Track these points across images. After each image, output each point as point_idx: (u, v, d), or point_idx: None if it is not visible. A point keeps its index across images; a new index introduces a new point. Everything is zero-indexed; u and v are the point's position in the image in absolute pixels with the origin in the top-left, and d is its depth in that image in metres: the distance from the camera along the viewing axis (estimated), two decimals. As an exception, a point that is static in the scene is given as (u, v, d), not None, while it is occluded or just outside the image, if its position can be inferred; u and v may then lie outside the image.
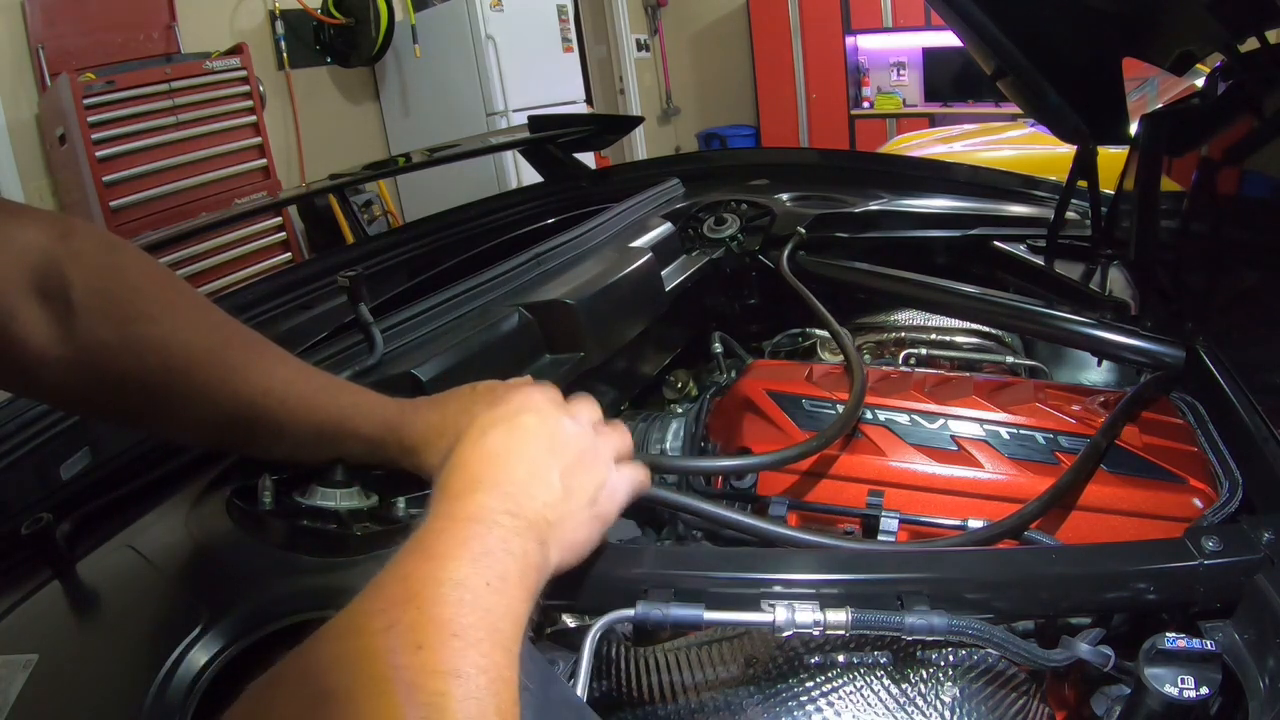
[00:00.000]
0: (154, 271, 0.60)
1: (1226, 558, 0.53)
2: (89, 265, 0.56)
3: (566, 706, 0.47)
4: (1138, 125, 1.13)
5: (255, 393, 0.61)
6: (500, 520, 0.45)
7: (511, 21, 4.22)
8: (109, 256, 0.58)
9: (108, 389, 0.58)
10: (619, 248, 1.19)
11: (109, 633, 0.58)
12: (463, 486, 0.47)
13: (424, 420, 0.66)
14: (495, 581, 0.41)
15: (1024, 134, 3.64)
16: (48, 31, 3.22)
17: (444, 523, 0.44)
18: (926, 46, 6.07)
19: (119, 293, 0.57)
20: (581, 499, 0.52)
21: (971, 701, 0.55)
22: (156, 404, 0.60)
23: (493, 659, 0.37)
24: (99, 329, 0.56)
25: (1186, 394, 0.84)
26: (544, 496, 0.49)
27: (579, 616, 0.63)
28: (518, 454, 0.50)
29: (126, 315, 0.57)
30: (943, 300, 1.09)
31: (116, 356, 0.57)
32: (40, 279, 0.55)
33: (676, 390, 1.28)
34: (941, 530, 0.75)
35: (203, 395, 0.60)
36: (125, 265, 0.59)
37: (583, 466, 0.53)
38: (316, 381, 0.65)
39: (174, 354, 0.58)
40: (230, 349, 0.62)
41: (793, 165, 1.75)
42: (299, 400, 0.63)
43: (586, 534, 0.52)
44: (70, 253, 0.56)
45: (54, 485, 0.80)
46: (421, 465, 0.65)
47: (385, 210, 4.27)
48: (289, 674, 0.37)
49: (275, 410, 0.62)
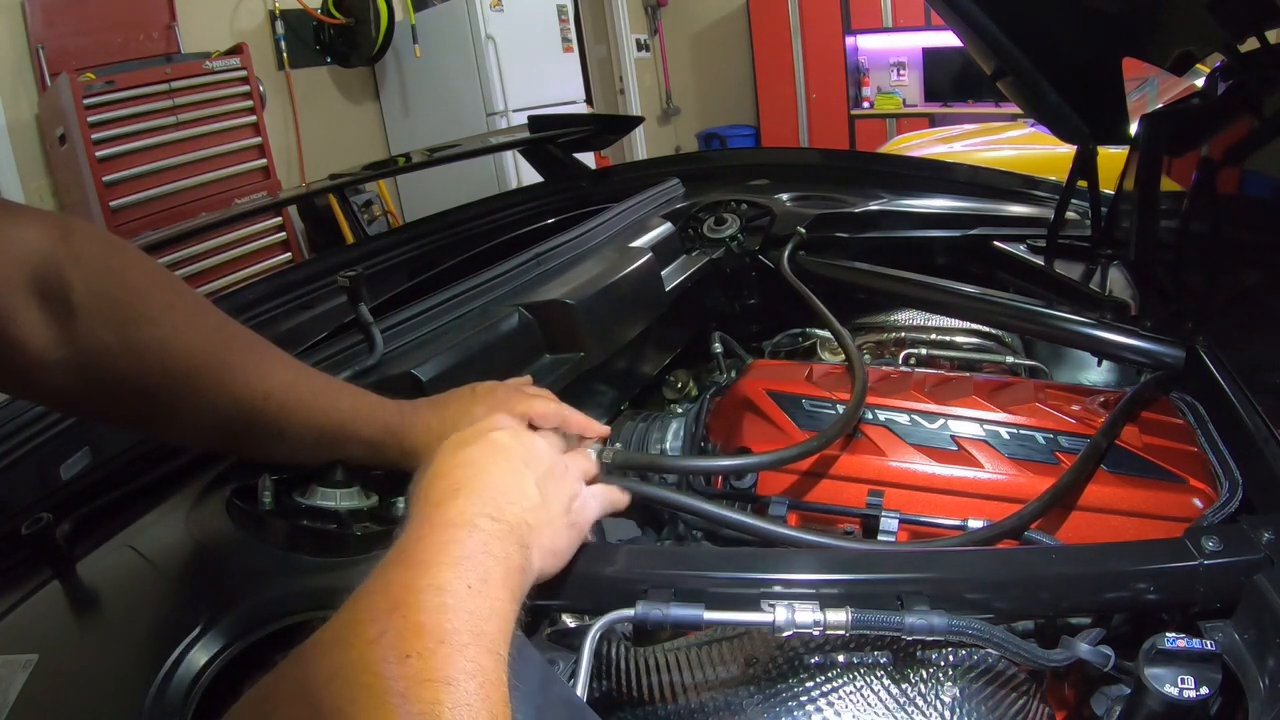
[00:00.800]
0: (154, 273, 0.60)
1: (1226, 558, 0.52)
2: (89, 267, 0.56)
3: (566, 706, 0.47)
4: (1138, 125, 1.13)
5: (255, 396, 0.62)
6: (480, 524, 0.45)
7: (511, 21, 4.22)
8: (109, 258, 0.58)
9: (107, 392, 0.58)
10: (619, 248, 1.19)
11: (109, 633, 0.58)
12: (442, 494, 0.48)
13: (424, 423, 0.66)
14: (477, 584, 0.41)
15: (1024, 134, 3.64)
16: (48, 31, 3.22)
17: (424, 529, 0.44)
18: (926, 46, 6.07)
19: (119, 295, 0.57)
20: (557, 507, 0.53)
21: (971, 701, 0.55)
22: (156, 407, 0.60)
23: (480, 663, 0.37)
24: (99, 331, 0.56)
25: (1186, 394, 0.84)
26: (522, 502, 0.50)
27: (579, 616, 0.63)
28: (495, 463, 0.51)
29: (127, 318, 0.57)
30: (943, 300, 1.09)
31: (116, 359, 0.57)
32: (40, 281, 0.54)
33: (676, 390, 1.28)
34: (941, 530, 0.75)
35: (203, 398, 0.60)
36: (126, 267, 0.59)
37: (555, 478, 0.54)
38: (317, 384, 0.65)
39: (174, 357, 0.58)
40: (230, 351, 0.62)
41: (793, 165, 1.75)
42: (299, 404, 0.63)
43: (565, 541, 0.53)
44: (70, 254, 0.56)
45: (54, 485, 0.80)
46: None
47: (385, 210, 4.27)
48: (284, 687, 0.37)
49: (275, 413, 0.62)
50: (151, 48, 3.49)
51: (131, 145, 3.17)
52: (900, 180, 1.58)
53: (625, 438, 1.05)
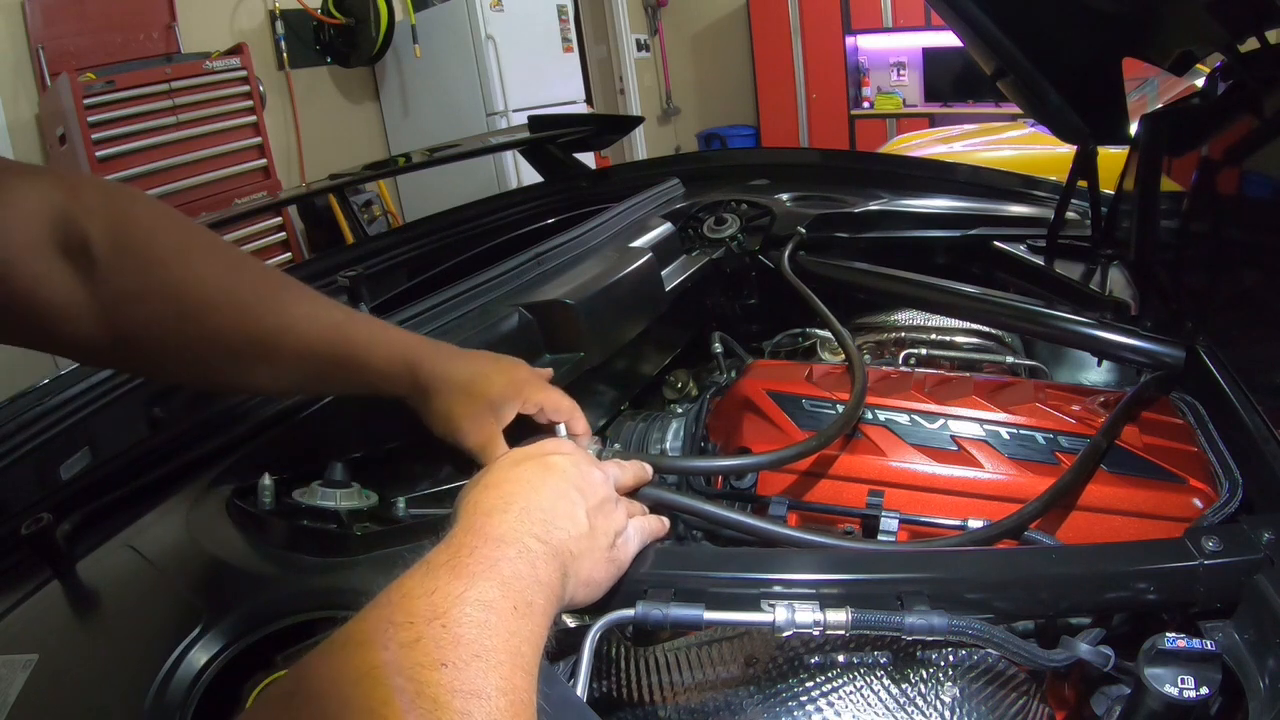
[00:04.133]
0: (165, 217, 0.61)
1: (1226, 558, 0.52)
2: (103, 217, 0.57)
3: (566, 706, 0.47)
4: (1138, 125, 1.13)
5: (273, 330, 0.62)
6: (529, 544, 0.46)
7: (511, 21, 4.22)
8: (120, 206, 0.59)
9: (133, 338, 0.59)
10: (619, 248, 1.19)
11: (109, 633, 0.58)
12: (493, 504, 0.48)
13: (442, 368, 0.67)
14: (522, 606, 0.42)
15: (1024, 134, 3.64)
16: (48, 31, 3.21)
17: (475, 540, 0.45)
18: (926, 46, 6.06)
19: (134, 241, 0.58)
20: (603, 540, 0.53)
21: (971, 701, 0.55)
22: (178, 347, 0.61)
23: (513, 682, 0.37)
24: (121, 279, 0.57)
25: (1186, 394, 0.84)
26: (570, 529, 0.50)
27: (579, 616, 0.63)
28: (549, 485, 0.52)
29: (145, 262, 0.58)
30: (943, 300, 1.09)
31: (138, 304, 0.58)
32: (61, 236, 0.55)
33: (676, 390, 1.28)
34: (941, 530, 0.75)
35: (222, 335, 0.61)
36: (138, 214, 0.59)
37: (604, 511, 0.54)
38: (336, 315, 0.66)
39: (191, 297, 0.59)
40: (246, 288, 0.62)
41: (793, 165, 1.75)
42: (317, 336, 0.64)
43: (604, 574, 0.53)
44: (84, 207, 0.56)
45: (54, 485, 0.80)
46: (426, 409, 0.67)
47: (385, 210, 4.27)
48: (311, 682, 0.37)
49: (294, 345, 0.63)
50: (151, 48, 3.49)
51: (131, 145, 3.17)
52: (900, 180, 1.58)
53: (625, 438, 1.05)
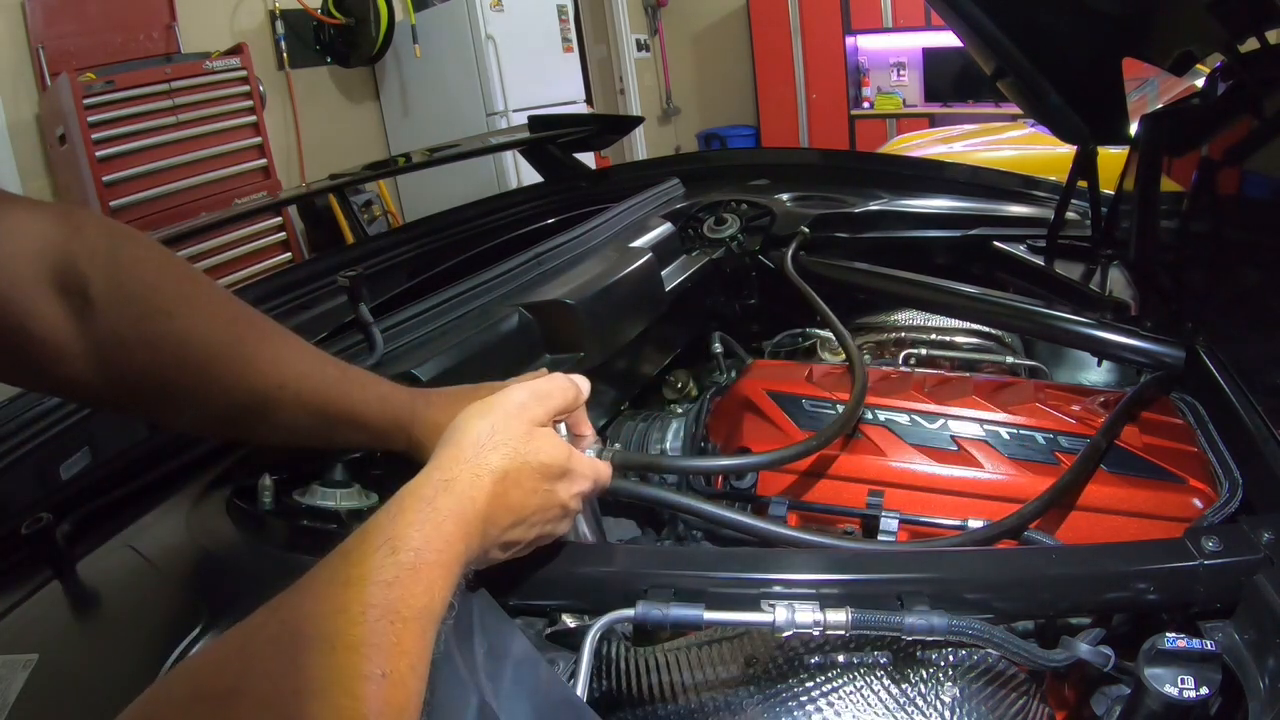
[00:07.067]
0: (169, 265, 0.60)
1: (1226, 558, 0.53)
2: (104, 260, 0.56)
3: (566, 706, 0.47)
4: (1138, 125, 1.13)
5: (270, 386, 0.62)
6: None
7: (511, 21, 4.22)
8: (123, 250, 0.58)
9: (125, 383, 0.58)
10: (619, 248, 1.19)
11: (109, 633, 0.58)
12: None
13: (432, 420, 0.67)
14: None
15: (1024, 134, 3.64)
16: (48, 31, 3.21)
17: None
18: (926, 47, 6.06)
19: (135, 288, 0.57)
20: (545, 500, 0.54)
21: (971, 701, 0.55)
22: (172, 397, 0.60)
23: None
24: (117, 325, 0.56)
25: (1186, 394, 0.84)
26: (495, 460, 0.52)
27: (579, 616, 0.63)
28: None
29: (143, 311, 0.57)
30: (943, 300, 1.09)
31: (134, 351, 0.57)
32: (59, 275, 0.55)
33: (676, 390, 1.28)
34: (941, 530, 0.75)
35: (218, 388, 0.60)
36: (140, 259, 0.59)
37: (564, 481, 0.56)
38: (330, 374, 0.66)
39: (190, 349, 0.59)
40: (246, 343, 0.62)
41: (793, 165, 1.75)
42: (314, 393, 0.64)
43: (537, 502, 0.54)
44: (85, 248, 0.56)
45: (54, 485, 0.80)
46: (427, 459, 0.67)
47: (385, 210, 4.26)
48: (282, 617, 0.42)
49: (289, 402, 0.63)
50: (151, 48, 3.49)
51: (131, 145, 3.16)
52: (900, 180, 1.58)
53: (625, 438, 1.05)
